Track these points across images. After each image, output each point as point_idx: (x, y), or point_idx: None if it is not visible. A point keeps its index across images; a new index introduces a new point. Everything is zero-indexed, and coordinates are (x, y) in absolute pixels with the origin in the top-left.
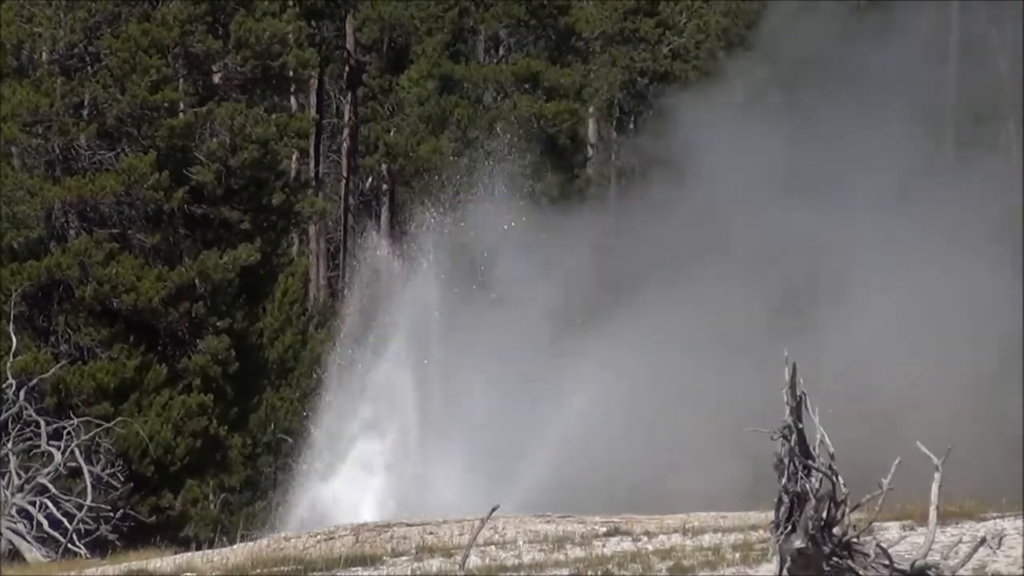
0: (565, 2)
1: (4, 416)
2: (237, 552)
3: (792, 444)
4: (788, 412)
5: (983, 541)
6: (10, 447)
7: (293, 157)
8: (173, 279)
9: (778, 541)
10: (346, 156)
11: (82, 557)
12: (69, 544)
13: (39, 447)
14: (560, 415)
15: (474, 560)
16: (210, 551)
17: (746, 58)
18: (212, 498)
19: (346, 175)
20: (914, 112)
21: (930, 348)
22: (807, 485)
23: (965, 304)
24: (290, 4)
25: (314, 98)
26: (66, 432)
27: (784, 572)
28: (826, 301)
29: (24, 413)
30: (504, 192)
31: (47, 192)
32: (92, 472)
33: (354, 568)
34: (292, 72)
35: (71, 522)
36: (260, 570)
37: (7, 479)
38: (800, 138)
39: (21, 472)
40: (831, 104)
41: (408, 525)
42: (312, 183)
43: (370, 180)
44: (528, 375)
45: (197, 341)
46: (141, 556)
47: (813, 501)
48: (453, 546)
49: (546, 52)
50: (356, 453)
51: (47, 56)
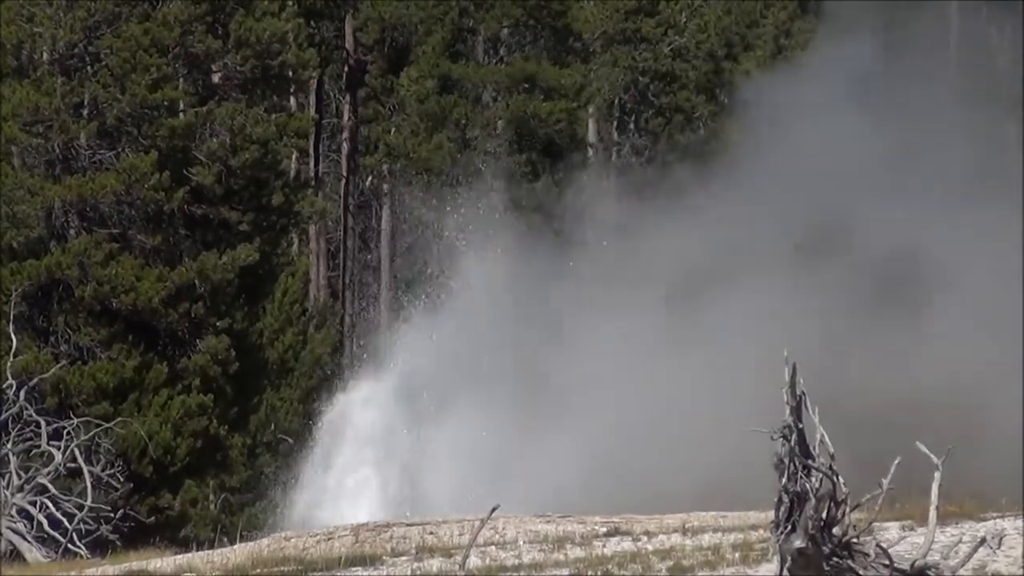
0: (564, 5)
1: (4, 416)
2: (237, 552)
3: (792, 444)
4: (788, 412)
5: (983, 541)
6: (10, 447)
7: (293, 157)
8: (173, 279)
9: (778, 541)
10: (346, 156)
11: (82, 557)
12: (69, 544)
13: (39, 447)
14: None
15: (474, 560)
16: (210, 551)
17: None
18: (212, 498)
19: (346, 175)
20: None
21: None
22: (807, 485)
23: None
24: (290, 4)
25: (314, 98)
26: (66, 432)
27: (784, 572)
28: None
29: (24, 413)
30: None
31: (47, 192)
32: (92, 472)
33: (354, 568)
34: (292, 72)
35: (71, 522)
36: (260, 570)
37: (7, 479)
38: None
39: (21, 472)
40: None
41: (408, 525)
42: (312, 183)
43: (370, 180)
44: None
45: (197, 341)
46: (141, 556)
47: (813, 501)
48: (453, 546)
49: (546, 52)
50: (356, 453)
51: (47, 56)
